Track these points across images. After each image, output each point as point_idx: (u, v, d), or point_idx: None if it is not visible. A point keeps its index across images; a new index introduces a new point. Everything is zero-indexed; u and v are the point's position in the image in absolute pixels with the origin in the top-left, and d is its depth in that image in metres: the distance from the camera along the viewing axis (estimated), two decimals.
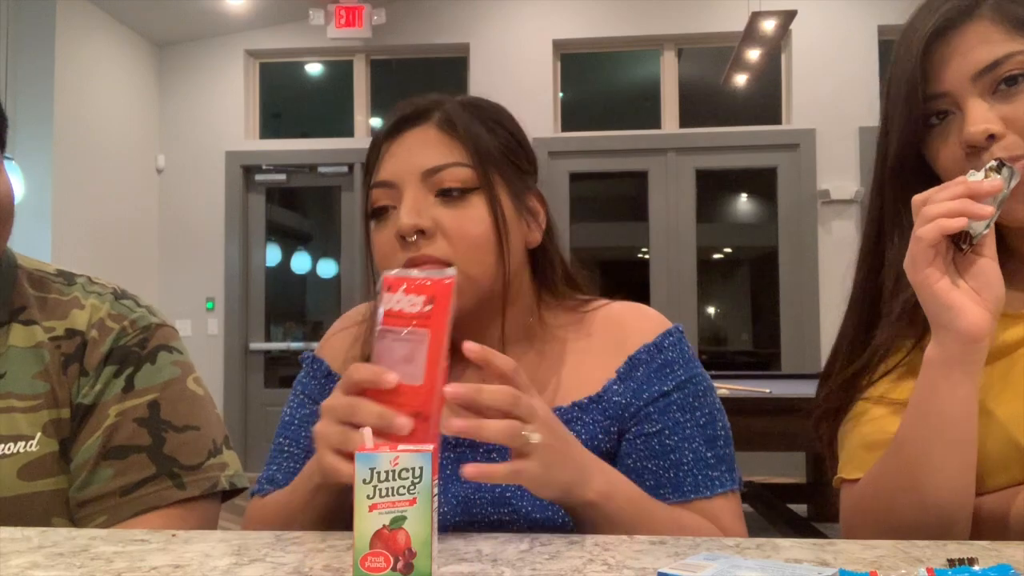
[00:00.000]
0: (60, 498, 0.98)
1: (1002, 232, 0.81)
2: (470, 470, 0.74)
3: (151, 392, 1.02)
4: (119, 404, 1.00)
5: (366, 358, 1.01)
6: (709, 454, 0.94)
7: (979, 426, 0.82)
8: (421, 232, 0.92)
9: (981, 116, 0.84)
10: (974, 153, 0.85)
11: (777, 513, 3.47)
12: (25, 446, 0.96)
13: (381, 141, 0.99)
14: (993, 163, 0.80)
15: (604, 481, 0.84)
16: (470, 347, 0.76)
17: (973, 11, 0.86)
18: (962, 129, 0.85)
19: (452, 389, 0.74)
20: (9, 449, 0.95)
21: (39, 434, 0.97)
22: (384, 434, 0.72)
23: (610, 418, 0.95)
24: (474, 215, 0.93)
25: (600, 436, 0.94)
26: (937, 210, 0.78)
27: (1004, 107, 0.84)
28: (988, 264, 0.79)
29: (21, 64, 4.78)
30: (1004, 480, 0.85)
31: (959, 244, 0.80)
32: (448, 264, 0.90)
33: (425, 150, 0.95)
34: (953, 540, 0.78)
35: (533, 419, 0.76)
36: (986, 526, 0.84)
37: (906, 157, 0.91)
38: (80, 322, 1.04)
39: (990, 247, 0.80)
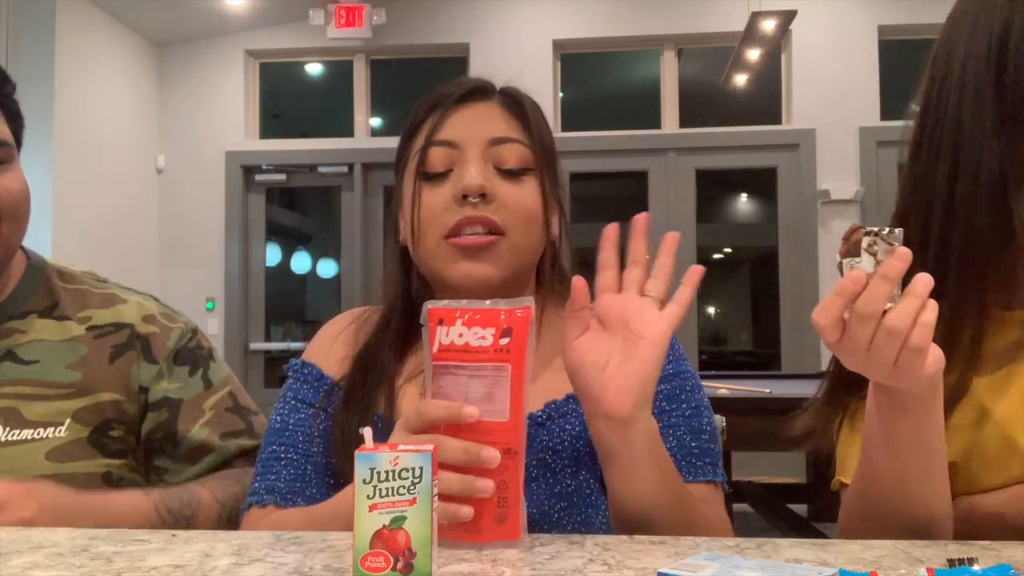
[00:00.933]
0: (89, 482, 1.03)
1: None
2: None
3: (226, 385, 1.17)
4: (209, 400, 1.13)
5: (362, 358, 1.01)
6: (693, 444, 0.95)
7: (978, 426, 0.82)
8: (482, 195, 0.95)
9: None
10: None
11: (777, 513, 3.47)
12: (54, 431, 1.03)
13: (447, 106, 1.00)
14: (870, 239, 0.69)
15: (650, 418, 0.81)
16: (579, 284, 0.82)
17: None
18: None
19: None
20: (39, 434, 1.03)
21: (68, 420, 1.04)
22: (471, 470, 0.71)
23: None
24: (528, 191, 0.99)
25: None
26: (924, 320, 0.68)
27: None
28: None
29: (21, 64, 4.78)
30: (1002, 479, 0.85)
31: None
32: (498, 228, 0.95)
33: (492, 121, 1.00)
34: (943, 539, 0.78)
35: None
36: (986, 525, 0.84)
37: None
38: (127, 316, 1.12)
39: None
